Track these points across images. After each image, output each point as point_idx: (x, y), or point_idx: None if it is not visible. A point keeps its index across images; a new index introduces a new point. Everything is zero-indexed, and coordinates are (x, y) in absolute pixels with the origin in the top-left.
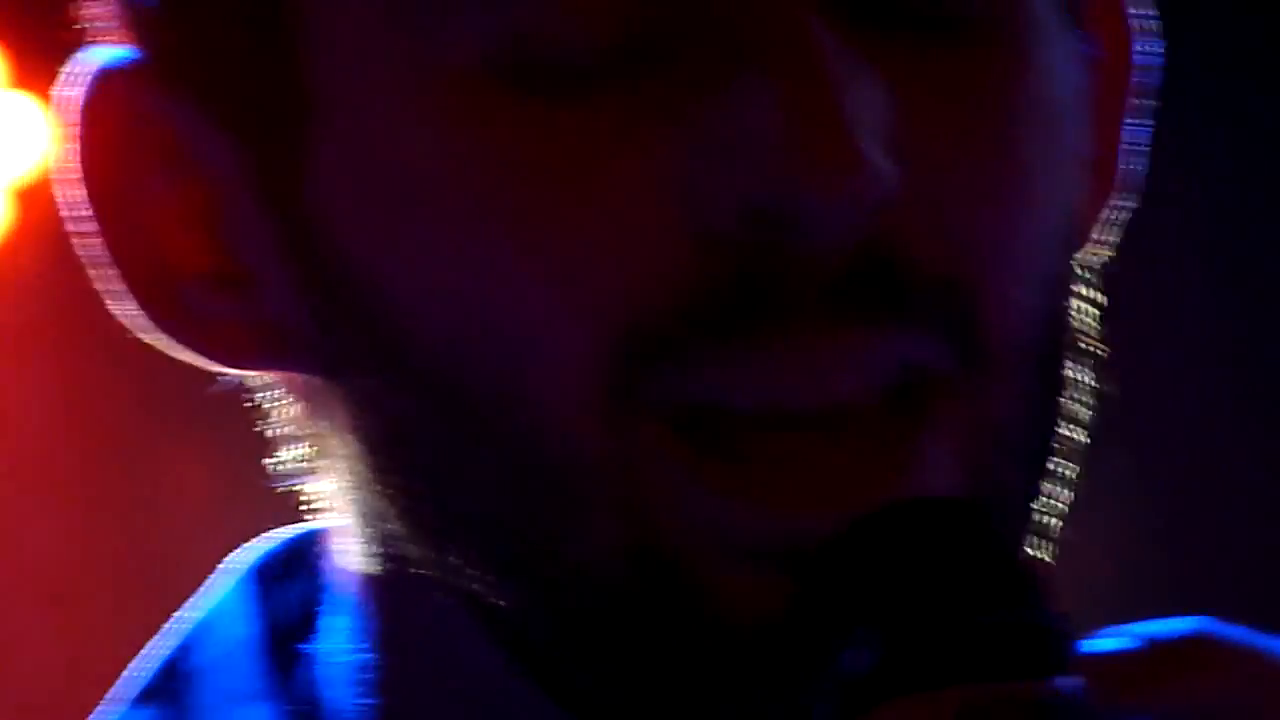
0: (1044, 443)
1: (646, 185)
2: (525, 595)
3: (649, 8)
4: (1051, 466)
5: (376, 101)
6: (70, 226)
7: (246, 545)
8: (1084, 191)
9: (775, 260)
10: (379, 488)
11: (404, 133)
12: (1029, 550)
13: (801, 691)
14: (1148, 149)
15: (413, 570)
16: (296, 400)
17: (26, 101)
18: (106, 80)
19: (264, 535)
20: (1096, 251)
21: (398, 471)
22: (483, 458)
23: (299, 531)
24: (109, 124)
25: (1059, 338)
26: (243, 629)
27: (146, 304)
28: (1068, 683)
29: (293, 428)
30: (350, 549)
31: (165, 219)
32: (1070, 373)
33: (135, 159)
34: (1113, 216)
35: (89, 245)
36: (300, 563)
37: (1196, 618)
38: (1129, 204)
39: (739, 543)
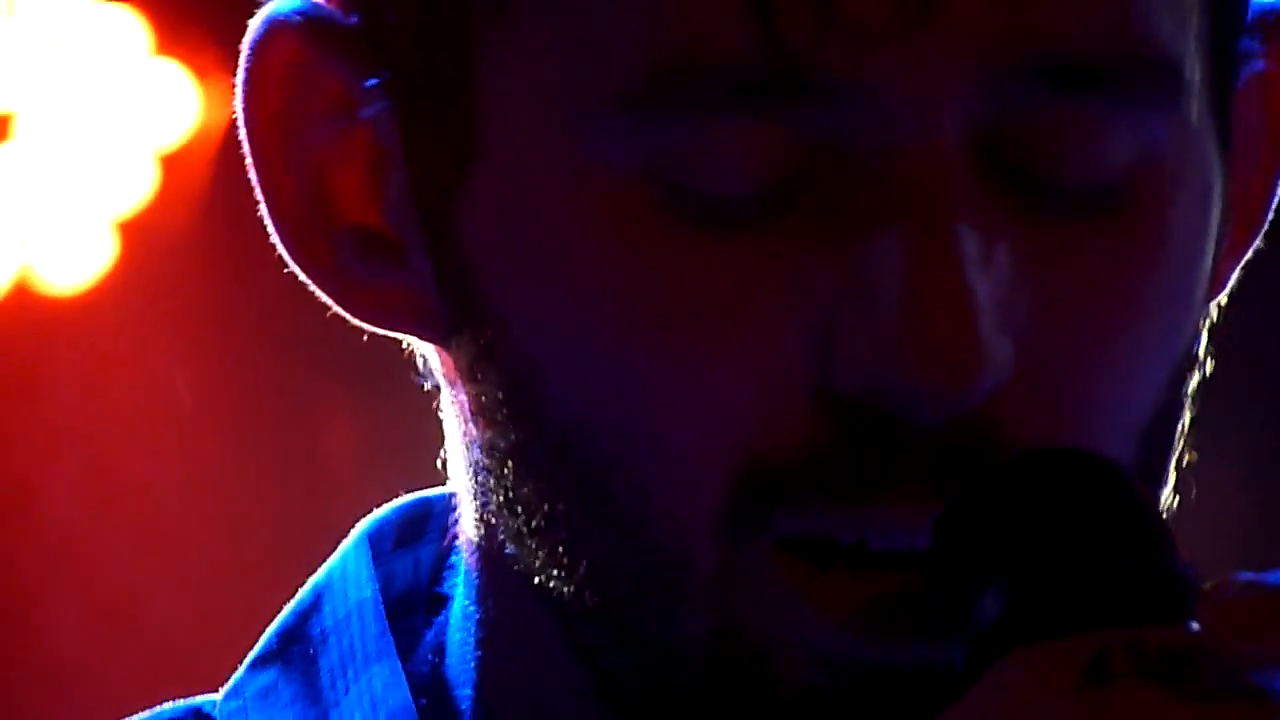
0: None
1: (778, 331)
2: (606, 636)
3: (796, 151)
4: None
5: (537, 173)
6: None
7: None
8: (1223, 256)
9: (885, 432)
10: (491, 487)
11: (559, 218)
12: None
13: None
14: None
15: (515, 568)
16: (442, 369)
17: (171, 68)
18: (280, 26)
19: (390, 501)
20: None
21: (508, 485)
22: (593, 518)
23: (421, 496)
24: (278, 69)
25: (1161, 471)
26: (359, 593)
27: (298, 249)
28: (1193, 628)
29: (439, 392)
30: (466, 521)
31: (329, 164)
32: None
33: (304, 105)
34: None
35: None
36: (424, 527)
37: None
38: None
39: (817, 648)
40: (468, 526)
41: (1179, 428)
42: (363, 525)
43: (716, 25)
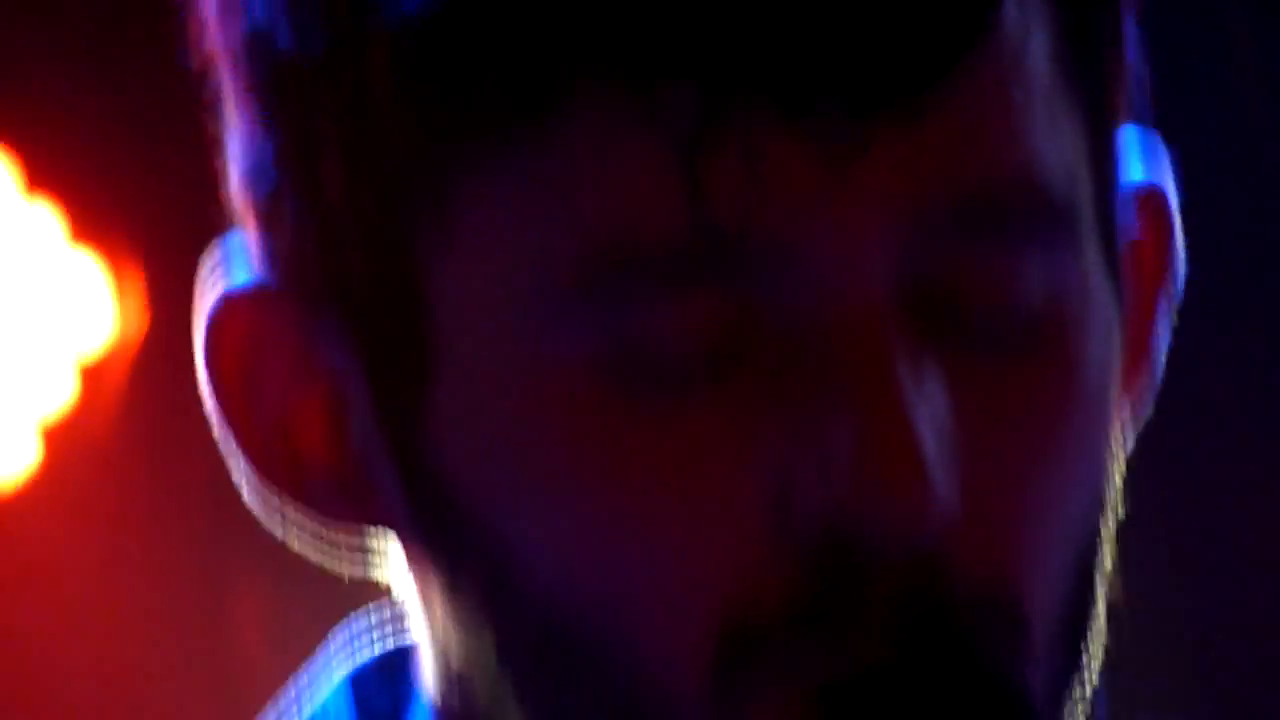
0: (1074, 706)
1: (739, 497)
2: None
3: (738, 317)
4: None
5: (492, 376)
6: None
7: (345, 654)
8: (1126, 400)
9: (847, 572)
10: (467, 664)
11: (519, 416)
12: None
13: None
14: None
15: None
16: (404, 558)
17: (88, 264)
18: (232, 301)
19: (363, 645)
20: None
21: (490, 667)
22: (578, 696)
23: (397, 645)
24: (236, 342)
25: (1092, 601)
26: None
27: (282, 495)
28: None
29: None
30: (428, 673)
31: (291, 422)
32: (1097, 624)
33: (262, 371)
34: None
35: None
36: (395, 674)
37: None
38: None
39: None
40: (436, 694)
41: (1104, 569)
42: (346, 669)
43: (651, 211)
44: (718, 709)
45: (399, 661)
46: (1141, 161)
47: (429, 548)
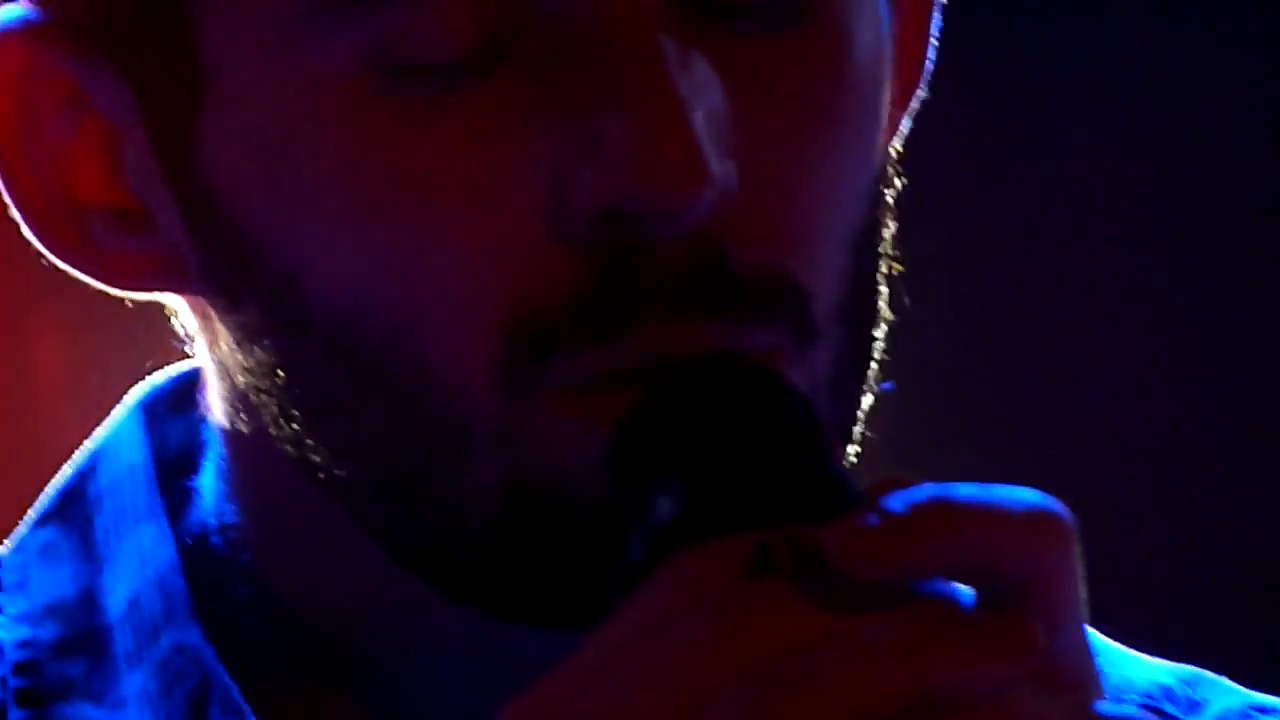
0: (861, 383)
1: (510, 187)
2: (395, 509)
3: (504, 16)
4: (866, 400)
5: (265, 90)
6: None
7: (145, 380)
8: (892, 104)
9: (633, 260)
10: (255, 393)
11: (288, 125)
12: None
13: (624, 543)
14: None
15: (276, 449)
16: (195, 317)
17: None
18: (2, 38)
19: (162, 369)
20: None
21: (277, 393)
22: (372, 402)
23: (192, 366)
24: (9, 77)
25: (872, 286)
26: (132, 457)
27: (46, 235)
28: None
29: (180, 323)
30: (217, 405)
31: (67, 156)
32: (880, 310)
33: (37, 105)
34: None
35: None
36: (189, 398)
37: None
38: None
39: (601, 460)
40: (223, 413)
41: (884, 242)
42: (138, 391)
43: None
44: (508, 404)
45: (190, 385)
46: None
47: (210, 274)
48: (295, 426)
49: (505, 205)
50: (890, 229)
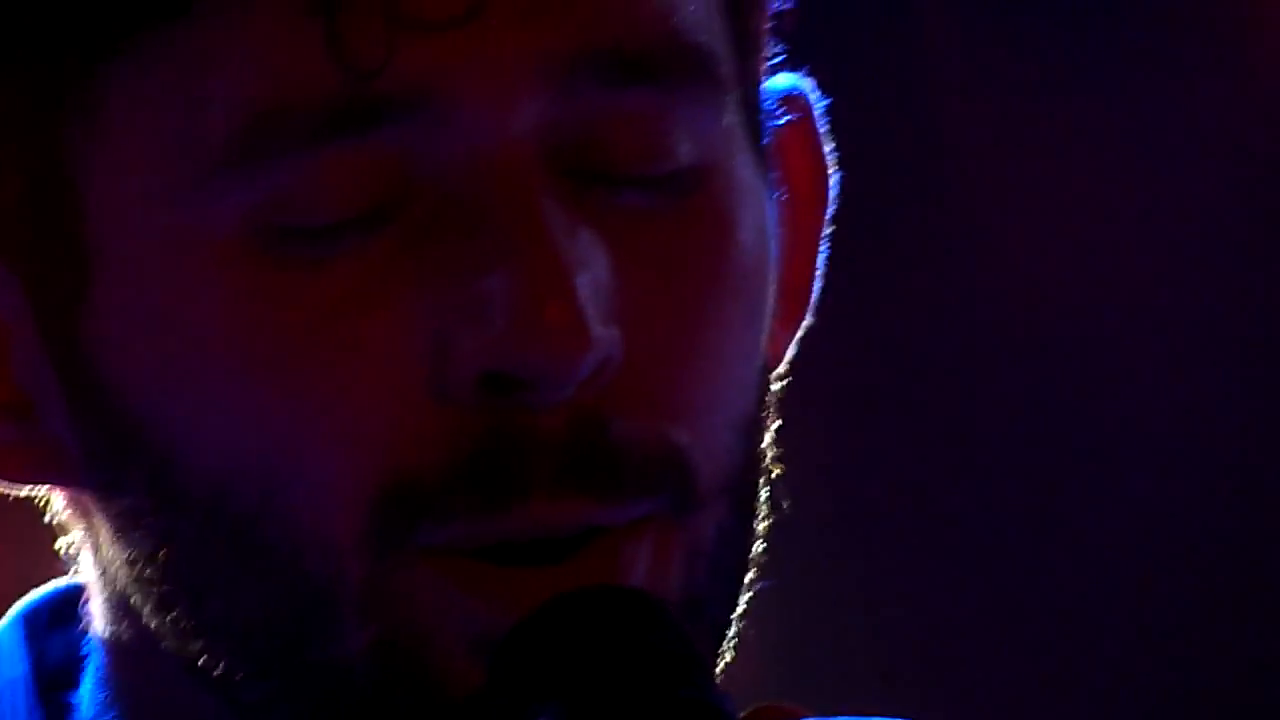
0: (742, 560)
1: (389, 348)
2: (273, 688)
3: (388, 174)
4: (745, 579)
5: (152, 255)
6: None
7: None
8: (778, 323)
9: (512, 429)
10: (136, 587)
11: (173, 287)
12: (720, 651)
13: None
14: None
15: (158, 649)
16: (67, 506)
17: None
18: None
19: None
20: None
21: (157, 579)
22: (248, 572)
23: (76, 581)
24: None
25: (755, 469)
26: (11, 670)
27: None
28: None
29: (62, 520)
30: (99, 613)
31: None
32: (762, 497)
33: None
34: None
35: None
36: (70, 612)
37: None
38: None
39: (477, 634)
40: (103, 621)
41: (768, 431)
42: (19, 605)
43: (296, 66)
44: (375, 564)
45: (70, 600)
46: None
47: (91, 461)
48: (175, 612)
49: (384, 365)
50: (772, 431)
